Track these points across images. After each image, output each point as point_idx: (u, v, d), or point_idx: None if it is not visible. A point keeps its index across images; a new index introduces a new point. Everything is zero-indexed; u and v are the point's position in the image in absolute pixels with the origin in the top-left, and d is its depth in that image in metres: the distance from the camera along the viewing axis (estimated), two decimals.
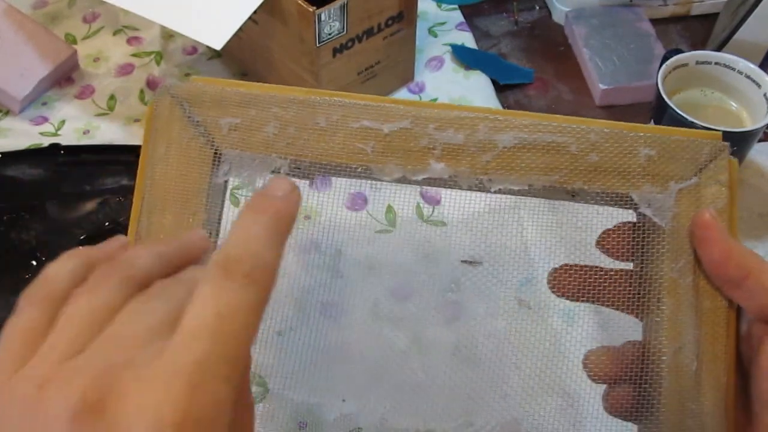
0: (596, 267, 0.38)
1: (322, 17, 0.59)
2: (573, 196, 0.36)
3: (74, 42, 0.77)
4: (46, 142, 0.67)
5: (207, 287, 0.26)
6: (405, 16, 0.66)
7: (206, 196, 0.35)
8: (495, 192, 0.36)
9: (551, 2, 0.81)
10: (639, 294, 0.36)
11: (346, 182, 0.65)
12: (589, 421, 0.52)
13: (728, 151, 0.35)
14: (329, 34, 0.61)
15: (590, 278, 0.37)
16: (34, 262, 0.60)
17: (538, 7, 0.82)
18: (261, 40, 0.67)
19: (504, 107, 0.71)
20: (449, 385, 0.53)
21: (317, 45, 0.61)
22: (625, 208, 0.35)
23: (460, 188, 0.36)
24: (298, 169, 0.36)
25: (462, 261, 0.60)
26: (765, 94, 0.59)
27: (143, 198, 0.36)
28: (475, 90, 0.72)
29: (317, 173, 0.36)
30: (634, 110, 0.72)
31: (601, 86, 0.71)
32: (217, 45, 0.60)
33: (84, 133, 0.69)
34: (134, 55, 0.76)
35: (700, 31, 0.79)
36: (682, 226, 0.34)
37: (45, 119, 0.71)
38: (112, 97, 0.72)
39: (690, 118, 0.57)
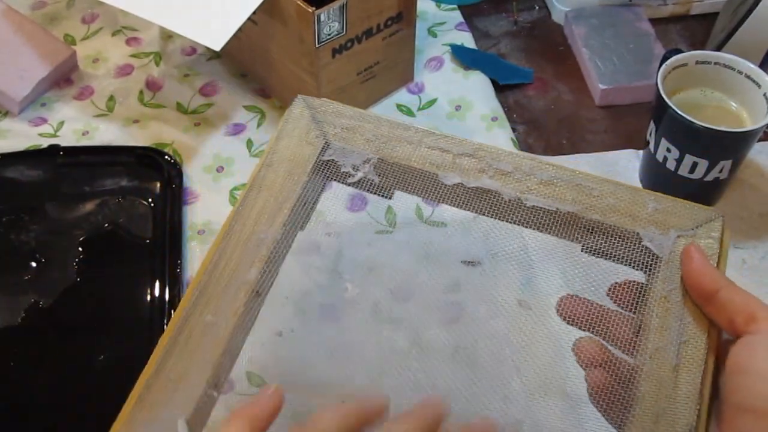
0: (601, 305, 0.43)
1: (322, 18, 0.59)
2: (590, 231, 0.43)
3: (73, 43, 0.77)
4: (45, 143, 0.67)
5: None
6: (404, 16, 0.66)
7: (311, 168, 0.44)
8: (528, 211, 0.43)
9: (551, 2, 0.81)
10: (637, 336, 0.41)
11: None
12: (590, 423, 0.51)
13: (723, 221, 0.41)
14: (329, 35, 0.61)
15: (596, 312, 0.43)
16: (34, 263, 0.60)
17: (537, 7, 0.82)
18: (260, 41, 0.67)
19: (504, 107, 0.71)
20: (449, 386, 0.53)
21: (317, 46, 0.61)
22: (634, 268, 0.42)
23: (499, 217, 0.45)
24: (385, 167, 0.45)
25: (462, 262, 0.60)
26: (765, 94, 0.59)
27: (264, 162, 0.45)
28: (475, 90, 0.72)
29: (395, 182, 0.45)
30: (633, 110, 0.72)
31: (601, 86, 0.71)
32: (217, 46, 0.60)
33: (83, 134, 0.69)
34: (133, 55, 0.76)
35: (700, 30, 0.79)
36: (677, 258, 0.40)
37: (44, 120, 0.71)
38: (111, 98, 0.72)
39: (690, 118, 0.57)
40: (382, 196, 0.46)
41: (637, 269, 0.42)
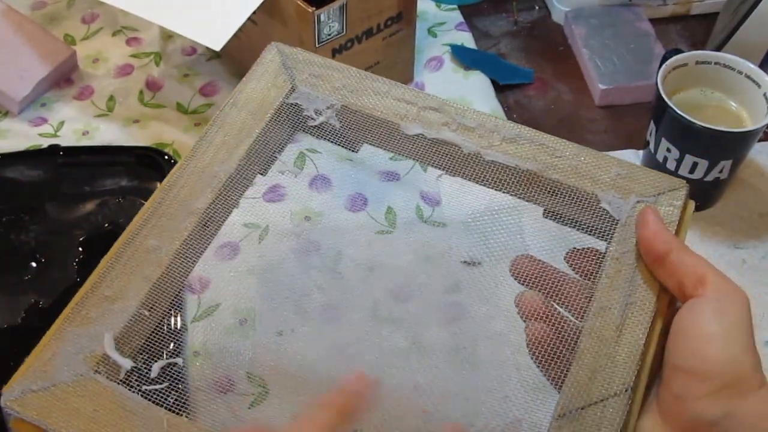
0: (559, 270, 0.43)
1: (322, 18, 0.59)
2: (550, 193, 0.42)
3: (73, 43, 0.77)
4: (45, 143, 0.67)
5: None
6: (404, 16, 0.66)
7: (275, 110, 0.45)
8: (487, 166, 0.43)
9: (551, 2, 0.81)
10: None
11: (344, 184, 0.65)
12: None
13: (687, 191, 0.41)
14: (328, 35, 0.61)
15: (550, 275, 0.43)
16: (34, 264, 0.60)
17: (537, 7, 0.82)
18: (260, 41, 0.67)
19: (504, 107, 0.71)
20: (450, 386, 0.53)
21: (316, 46, 0.61)
22: (596, 236, 0.41)
23: (457, 173, 0.45)
24: (348, 115, 0.45)
25: (462, 262, 0.60)
26: (765, 94, 0.59)
27: (228, 101, 0.45)
28: (475, 90, 0.72)
29: (357, 130, 0.45)
30: (633, 110, 0.72)
31: (601, 86, 0.71)
32: (217, 46, 0.60)
33: (83, 134, 0.69)
34: (133, 55, 0.76)
35: (700, 30, 0.79)
36: (634, 222, 0.39)
37: (44, 120, 0.71)
38: (111, 98, 0.72)
39: (690, 118, 0.57)
40: (348, 148, 0.47)
41: (599, 238, 0.42)
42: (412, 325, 0.56)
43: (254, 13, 0.61)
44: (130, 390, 0.36)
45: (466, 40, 0.77)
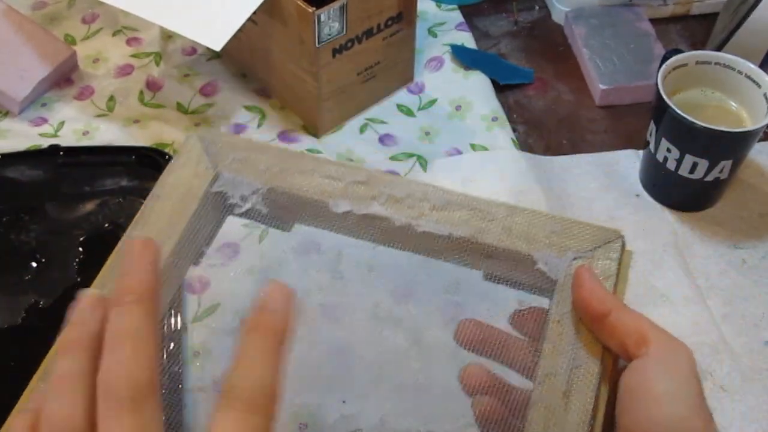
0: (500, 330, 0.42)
1: (322, 18, 0.59)
2: (487, 257, 0.42)
3: (73, 43, 0.77)
4: (45, 143, 0.67)
5: (215, 422, 0.29)
6: (404, 16, 0.66)
7: (200, 200, 0.43)
8: (420, 237, 0.42)
9: (551, 2, 0.81)
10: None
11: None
12: None
13: (623, 242, 0.40)
14: (329, 35, 0.61)
15: (495, 338, 0.42)
16: (34, 263, 0.60)
17: (537, 7, 0.82)
18: (260, 41, 0.67)
19: (504, 108, 0.71)
20: (450, 386, 0.53)
21: (317, 46, 0.61)
22: (538, 294, 0.41)
23: (392, 244, 0.44)
24: (275, 197, 0.44)
25: None
26: (765, 94, 0.59)
27: (152, 194, 0.44)
28: (475, 90, 0.72)
29: (286, 212, 0.45)
30: (633, 110, 0.72)
31: (601, 86, 0.71)
32: (217, 46, 0.60)
33: (83, 134, 0.69)
34: (133, 55, 0.76)
35: (700, 31, 0.79)
36: (571, 281, 0.39)
37: (44, 120, 0.71)
38: (111, 98, 0.72)
39: (690, 119, 0.57)
40: (279, 228, 0.46)
41: (542, 296, 0.41)
42: (413, 324, 0.56)
43: (254, 13, 0.61)
44: None
45: (466, 40, 0.77)
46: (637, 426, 0.34)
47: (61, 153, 0.66)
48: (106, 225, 0.62)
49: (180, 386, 0.52)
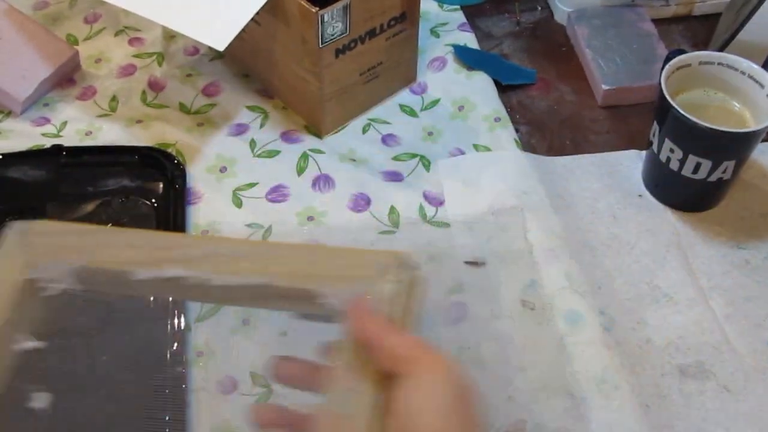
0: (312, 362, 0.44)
1: (325, 18, 0.59)
2: (285, 298, 0.43)
3: (75, 43, 0.77)
4: (48, 143, 0.67)
5: None
6: (407, 16, 0.66)
7: (15, 289, 0.44)
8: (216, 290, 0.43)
9: (553, 3, 0.81)
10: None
11: (347, 184, 0.65)
12: (594, 422, 0.51)
13: (412, 264, 0.41)
14: (332, 35, 0.61)
15: (308, 370, 0.44)
16: None
17: (540, 8, 0.82)
18: (263, 41, 0.67)
19: (506, 108, 0.71)
20: None
21: (320, 46, 0.61)
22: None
23: (193, 299, 0.47)
24: (86, 275, 0.45)
25: (466, 262, 0.60)
26: None
27: None
28: (478, 91, 0.72)
29: (96, 287, 0.46)
30: (636, 111, 0.72)
31: (604, 87, 0.71)
32: (220, 46, 0.60)
33: (86, 134, 0.69)
34: (136, 55, 0.76)
35: (702, 31, 0.79)
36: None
37: (47, 120, 0.71)
38: (113, 98, 0.72)
39: (693, 119, 0.57)
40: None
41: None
42: (416, 325, 0.56)
43: (257, 13, 0.61)
44: None
45: (469, 40, 0.77)
46: None
47: (64, 153, 0.66)
48: (108, 225, 0.62)
49: (184, 386, 0.53)
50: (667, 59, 0.62)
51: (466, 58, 0.75)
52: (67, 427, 0.51)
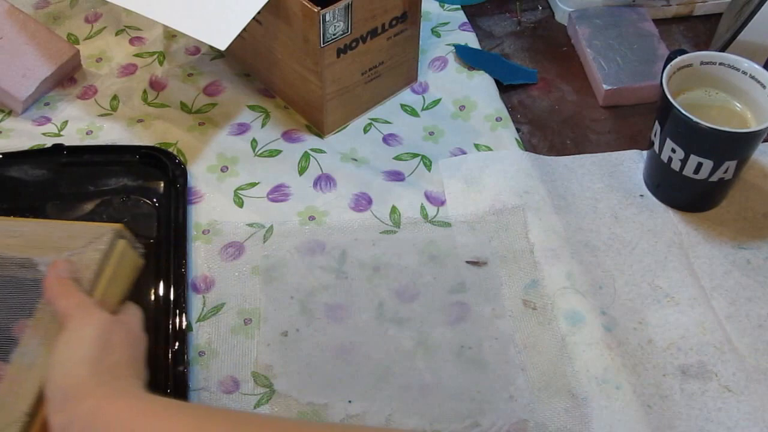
0: None
1: (327, 17, 0.59)
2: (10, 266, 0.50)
3: (76, 42, 0.77)
4: (48, 142, 0.67)
5: None
6: (409, 16, 0.66)
7: None
8: None
9: (554, 2, 0.81)
10: None
11: (348, 184, 0.65)
12: (595, 422, 0.51)
13: (115, 234, 0.50)
14: (333, 35, 0.61)
15: None
16: None
17: (541, 8, 0.82)
18: (265, 41, 0.67)
19: (507, 108, 0.71)
20: (455, 385, 0.53)
21: (321, 45, 0.61)
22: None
23: None
24: None
25: (467, 262, 0.60)
26: None
27: None
28: (479, 90, 0.72)
29: None
30: (637, 110, 0.72)
31: (605, 86, 0.71)
32: (222, 45, 0.60)
33: (87, 133, 0.69)
34: (137, 55, 0.76)
35: (703, 31, 0.79)
36: None
37: (47, 120, 0.70)
38: (114, 98, 0.72)
39: (695, 119, 0.57)
40: None
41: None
42: (418, 324, 0.56)
43: (259, 12, 0.61)
44: None
45: (470, 40, 0.77)
46: (46, 390, 0.44)
47: (65, 152, 0.66)
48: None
49: (185, 386, 0.52)
50: (669, 59, 0.62)
51: (468, 57, 0.75)
52: None
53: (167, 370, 0.53)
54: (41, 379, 0.45)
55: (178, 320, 0.56)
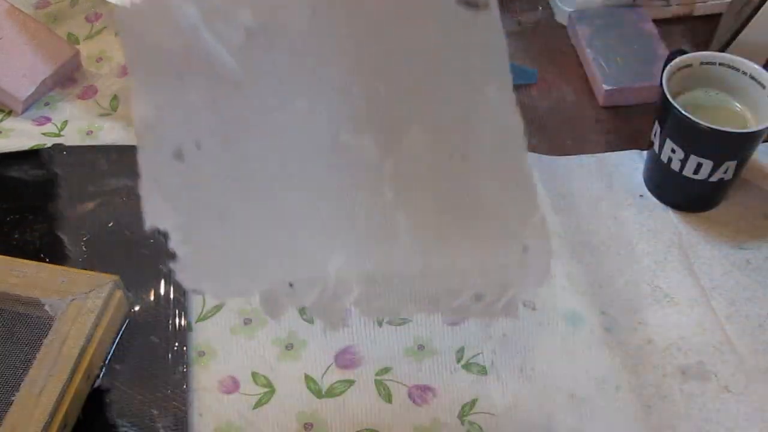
0: None
1: None
2: (15, 302, 0.54)
3: (77, 42, 0.77)
4: (49, 142, 0.67)
5: None
6: None
7: None
8: None
9: (554, 3, 0.81)
10: None
11: None
12: (596, 422, 0.52)
13: (114, 285, 0.54)
14: None
15: None
16: None
17: (540, 8, 0.82)
18: None
19: None
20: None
21: None
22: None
23: None
24: None
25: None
26: None
27: None
28: None
29: None
30: (637, 111, 0.72)
31: (605, 87, 0.71)
32: None
33: (87, 133, 0.69)
34: None
35: (704, 31, 0.79)
36: (65, 316, 0.52)
37: (48, 120, 0.71)
38: (114, 98, 0.72)
39: (695, 119, 0.57)
40: None
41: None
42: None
43: None
44: None
45: None
46: None
47: (65, 152, 0.66)
48: (110, 224, 0.62)
49: (185, 386, 0.53)
50: (669, 59, 0.62)
51: None
52: None
53: (167, 370, 0.53)
54: (60, 406, 0.48)
55: (178, 320, 0.56)
